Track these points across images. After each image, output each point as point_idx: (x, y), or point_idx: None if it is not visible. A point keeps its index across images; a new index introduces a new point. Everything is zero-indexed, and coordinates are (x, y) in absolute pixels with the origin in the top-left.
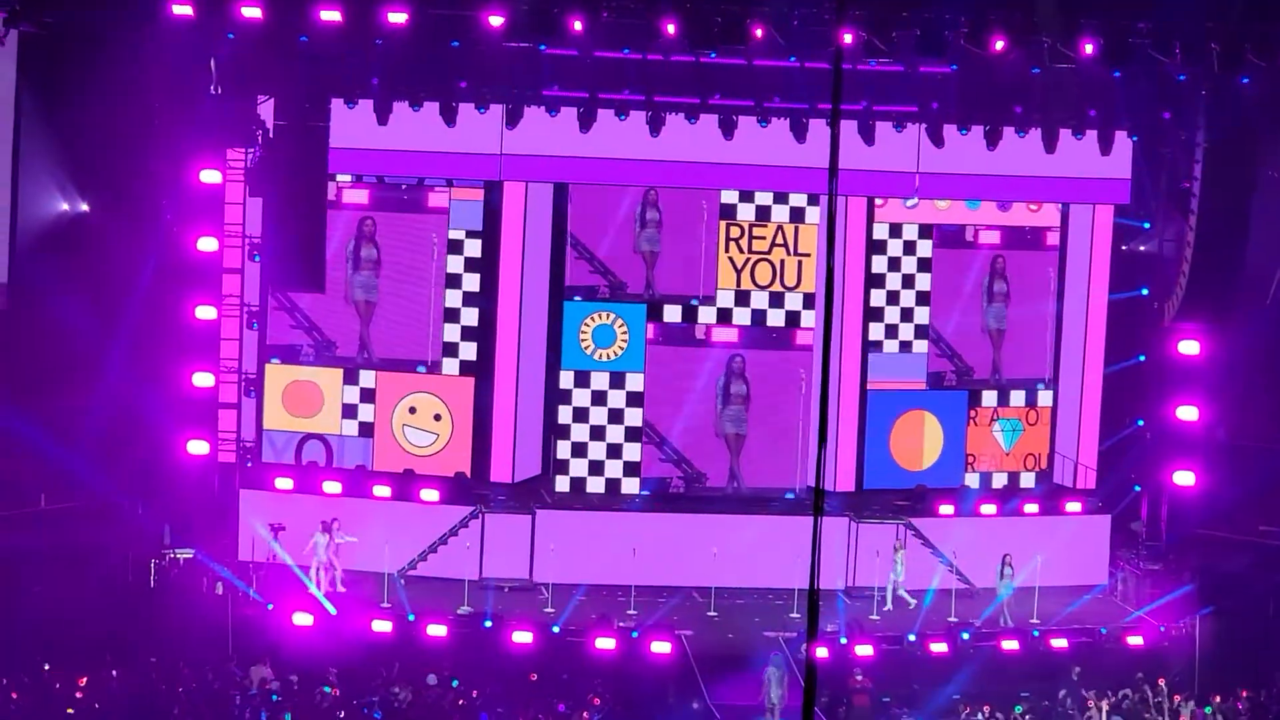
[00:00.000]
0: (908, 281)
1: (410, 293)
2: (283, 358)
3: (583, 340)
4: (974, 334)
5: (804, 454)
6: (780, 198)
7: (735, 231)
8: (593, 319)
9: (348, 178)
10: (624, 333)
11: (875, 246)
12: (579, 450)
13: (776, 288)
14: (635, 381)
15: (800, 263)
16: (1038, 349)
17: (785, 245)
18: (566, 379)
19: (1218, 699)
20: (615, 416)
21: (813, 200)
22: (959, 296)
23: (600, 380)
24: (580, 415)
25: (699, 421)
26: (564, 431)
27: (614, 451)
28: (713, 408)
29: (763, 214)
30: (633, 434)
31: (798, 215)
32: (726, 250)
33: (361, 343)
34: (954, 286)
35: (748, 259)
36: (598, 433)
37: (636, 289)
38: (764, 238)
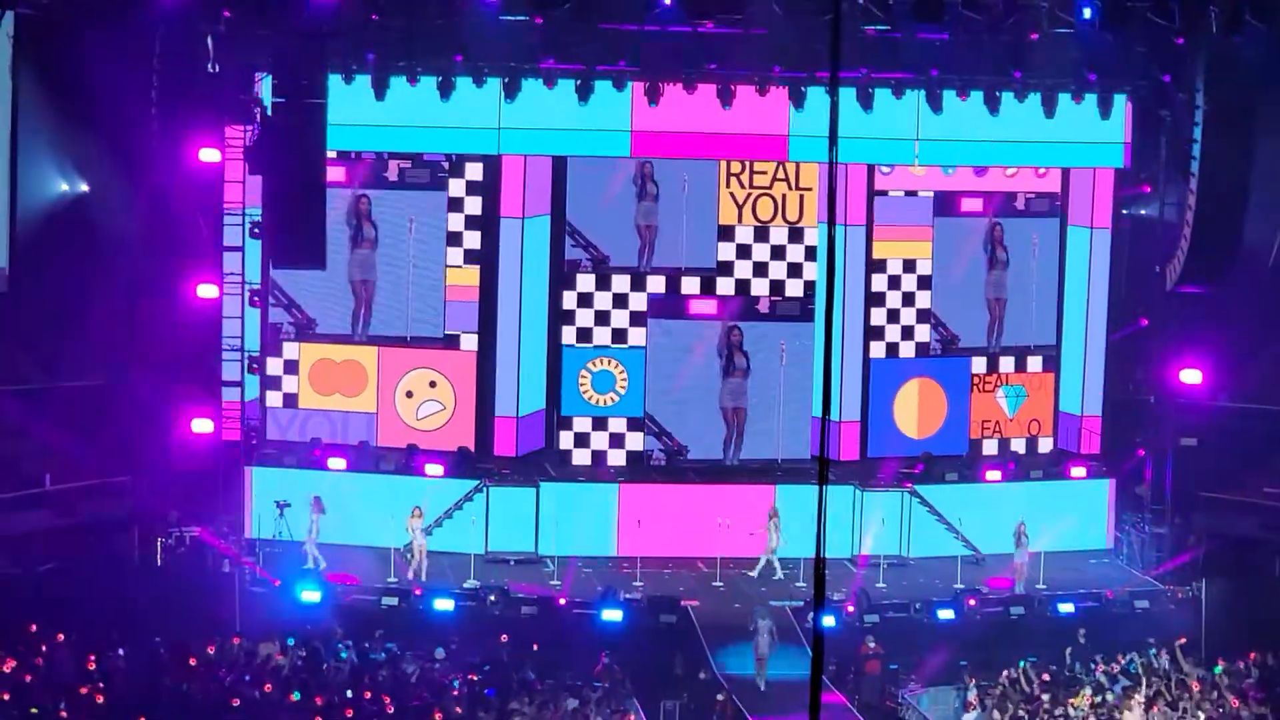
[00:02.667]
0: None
1: (406, 269)
2: (272, 336)
3: (582, 388)
4: (970, 301)
5: (797, 424)
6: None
7: (736, 167)
8: (593, 365)
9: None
10: (623, 377)
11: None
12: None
13: (779, 223)
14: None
15: (802, 197)
16: (1040, 314)
17: (787, 180)
18: (565, 436)
19: (1223, 662)
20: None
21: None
22: (955, 264)
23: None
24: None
25: (693, 394)
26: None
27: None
28: (707, 379)
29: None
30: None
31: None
32: (728, 185)
33: (356, 320)
34: (948, 253)
35: (749, 194)
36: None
37: (633, 263)
38: (765, 172)
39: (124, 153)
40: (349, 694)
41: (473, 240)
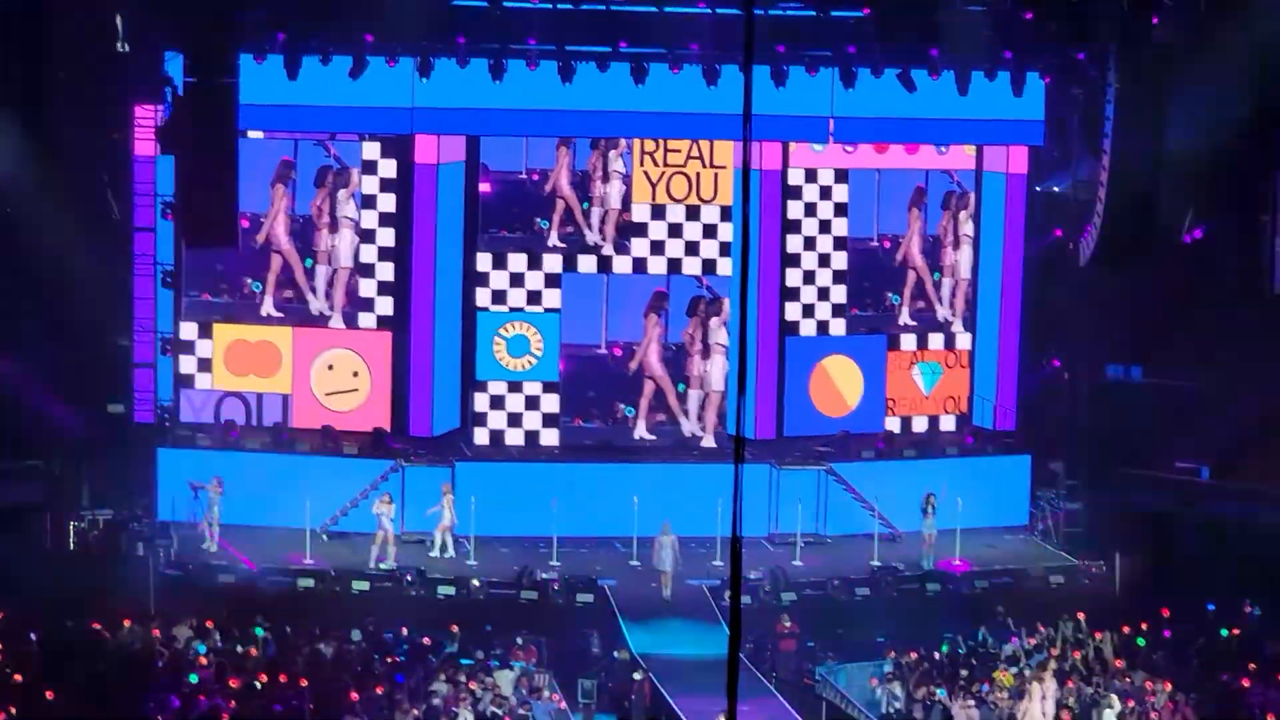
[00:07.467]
0: (824, 227)
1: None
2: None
3: (496, 351)
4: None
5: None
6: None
7: (650, 145)
8: (507, 329)
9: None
10: (538, 342)
11: (790, 191)
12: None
13: (693, 200)
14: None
15: (716, 175)
16: (954, 291)
17: (700, 157)
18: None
19: (1140, 630)
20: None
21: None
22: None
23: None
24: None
25: (609, 371)
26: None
27: (532, 404)
28: (625, 357)
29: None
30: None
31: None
32: (641, 164)
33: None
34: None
35: (662, 173)
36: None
37: (550, 239)
38: (679, 150)
39: (34, 133)
40: (265, 676)
41: (387, 220)
